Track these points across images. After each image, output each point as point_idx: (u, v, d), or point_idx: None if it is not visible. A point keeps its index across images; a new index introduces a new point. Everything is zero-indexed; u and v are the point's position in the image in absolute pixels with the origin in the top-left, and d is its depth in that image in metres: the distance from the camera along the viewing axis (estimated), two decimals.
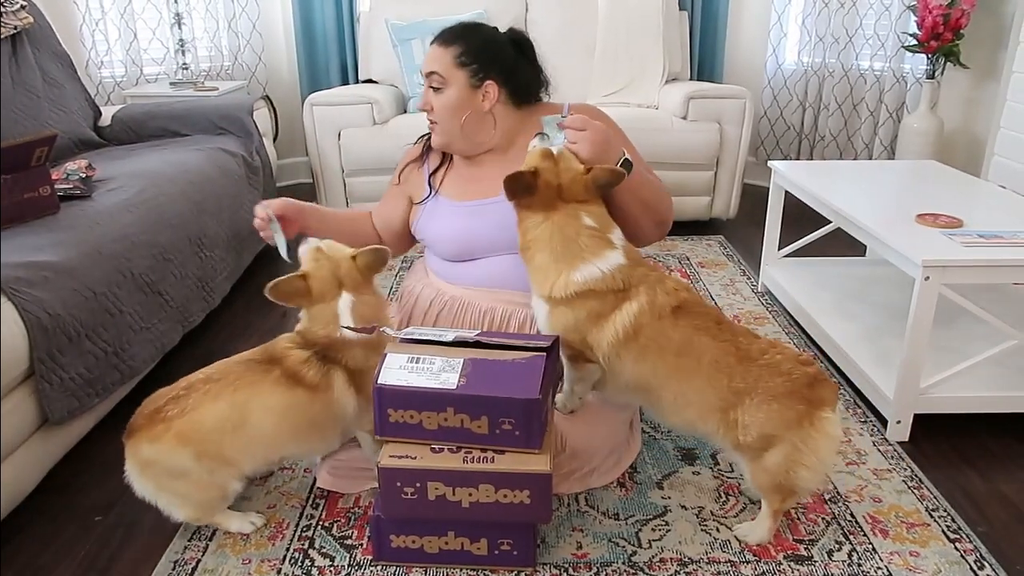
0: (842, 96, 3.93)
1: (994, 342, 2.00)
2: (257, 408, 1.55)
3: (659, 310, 1.53)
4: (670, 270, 3.15)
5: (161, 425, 1.52)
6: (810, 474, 1.50)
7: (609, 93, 3.67)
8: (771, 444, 1.49)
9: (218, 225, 2.65)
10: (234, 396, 1.54)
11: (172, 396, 1.54)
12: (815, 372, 1.51)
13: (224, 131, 3.14)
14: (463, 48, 1.77)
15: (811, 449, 1.47)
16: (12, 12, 2.84)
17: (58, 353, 1.76)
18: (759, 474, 1.53)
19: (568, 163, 1.60)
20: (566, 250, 1.55)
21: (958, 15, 3.37)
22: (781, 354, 1.52)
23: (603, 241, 1.58)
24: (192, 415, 1.52)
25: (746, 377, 1.49)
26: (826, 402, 1.49)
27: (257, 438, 1.57)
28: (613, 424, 1.81)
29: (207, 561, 1.60)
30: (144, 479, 1.56)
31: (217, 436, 1.53)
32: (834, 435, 1.50)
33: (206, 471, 1.55)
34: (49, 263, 1.85)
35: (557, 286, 1.55)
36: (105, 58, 3.72)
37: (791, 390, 1.47)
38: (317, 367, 1.58)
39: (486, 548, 1.54)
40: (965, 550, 1.62)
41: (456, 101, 1.78)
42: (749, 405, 1.48)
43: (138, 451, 1.54)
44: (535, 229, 1.58)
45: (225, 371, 1.58)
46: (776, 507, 1.58)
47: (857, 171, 2.81)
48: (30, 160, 2.11)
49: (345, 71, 4.08)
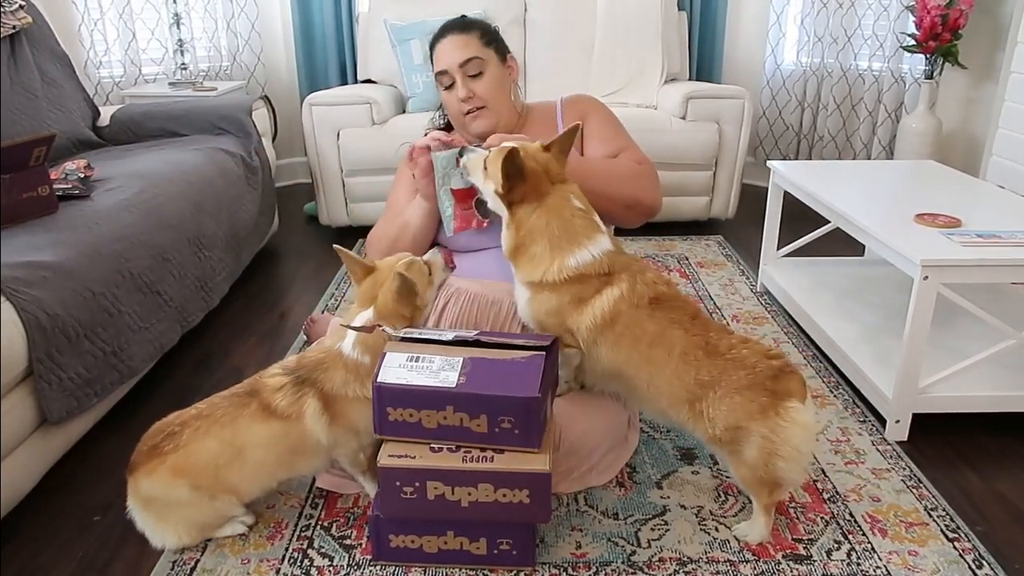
0: (841, 96, 3.94)
1: (992, 342, 2.00)
2: (241, 443, 1.55)
3: (637, 298, 1.55)
4: (668, 270, 3.15)
5: (157, 459, 1.54)
6: (788, 464, 1.49)
7: (608, 93, 3.67)
8: (741, 437, 1.49)
9: (217, 225, 2.64)
10: (221, 432, 1.55)
11: (168, 432, 1.56)
12: (780, 365, 1.51)
13: (223, 131, 3.14)
14: (481, 30, 1.87)
15: (783, 439, 1.47)
16: (11, 12, 2.84)
17: (57, 353, 1.76)
18: (740, 469, 1.54)
19: (531, 147, 1.61)
20: (563, 234, 1.56)
21: (956, 15, 3.37)
22: (748, 349, 1.53)
23: (592, 224, 1.60)
24: (185, 450, 1.54)
25: (711, 371, 1.50)
26: (792, 393, 1.49)
27: (247, 470, 1.58)
28: (610, 421, 1.81)
29: (206, 561, 1.60)
30: (146, 513, 1.58)
31: (211, 470, 1.55)
32: (805, 423, 1.48)
33: (206, 498, 1.57)
34: (48, 263, 1.85)
35: (551, 271, 1.56)
36: (104, 58, 3.71)
37: (753, 383, 1.48)
38: (290, 395, 1.56)
39: (485, 548, 1.54)
40: (964, 549, 1.62)
41: (499, 77, 1.87)
42: (713, 398, 1.50)
43: (138, 487, 1.56)
44: (529, 219, 1.58)
45: (213, 407, 1.58)
46: (765, 501, 1.58)
47: (856, 171, 2.81)
48: (29, 160, 2.11)
49: (344, 71, 4.08)
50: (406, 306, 1.60)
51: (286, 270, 3.22)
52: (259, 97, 3.47)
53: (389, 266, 1.62)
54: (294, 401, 1.56)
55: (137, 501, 1.58)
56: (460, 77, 1.84)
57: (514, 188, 1.57)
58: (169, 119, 3.16)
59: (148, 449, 1.56)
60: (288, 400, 1.56)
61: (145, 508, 1.58)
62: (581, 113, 1.95)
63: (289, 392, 1.56)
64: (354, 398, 1.57)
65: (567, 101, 1.99)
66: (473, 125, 1.87)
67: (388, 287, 1.58)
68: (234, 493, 1.59)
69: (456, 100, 1.86)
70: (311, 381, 1.57)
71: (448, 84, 1.87)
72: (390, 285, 1.58)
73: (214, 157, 2.85)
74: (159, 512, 1.58)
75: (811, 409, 1.52)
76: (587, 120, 1.94)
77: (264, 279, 3.11)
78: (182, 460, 1.53)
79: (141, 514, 1.59)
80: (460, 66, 1.83)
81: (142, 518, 1.59)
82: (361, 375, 1.56)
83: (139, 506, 1.58)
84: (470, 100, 1.84)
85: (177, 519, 1.59)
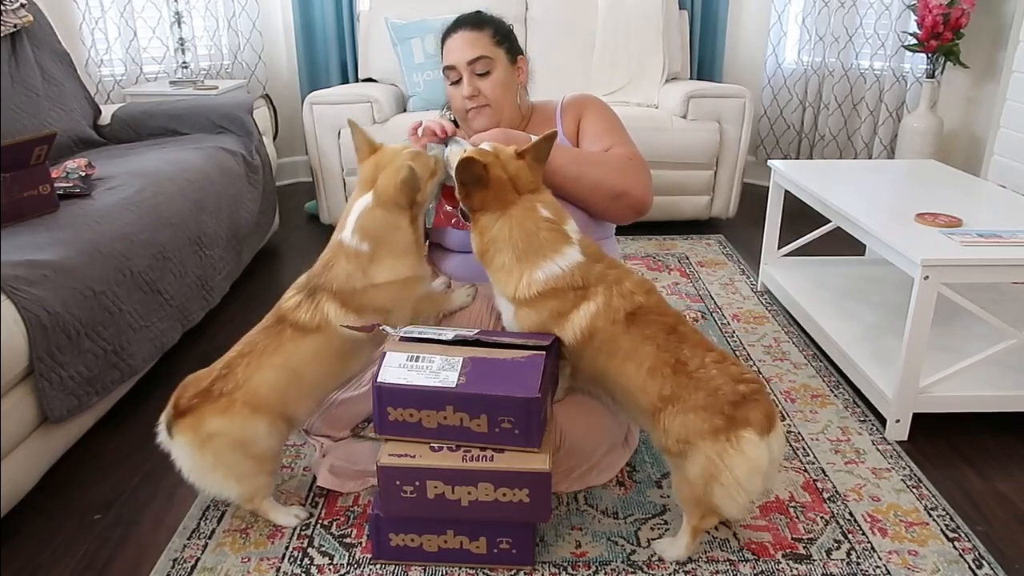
0: (842, 95, 3.93)
1: (993, 341, 2.00)
2: (294, 364, 1.58)
3: (613, 313, 1.51)
4: (669, 269, 3.15)
5: (224, 399, 1.53)
6: (725, 493, 1.42)
7: (609, 92, 3.67)
8: (689, 452, 1.44)
9: (217, 224, 2.65)
10: (272, 361, 1.57)
11: (215, 377, 1.56)
12: (747, 391, 1.44)
13: (224, 130, 3.14)
14: (494, 28, 1.86)
15: (726, 465, 1.40)
16: (12, 10, 2.84)
17: (57, 352, 1.76)
18: (681, 484, 1.50)
19: (505, 153, 1.58)
20: (528, 246, 1.53)
21: (958, 14, 3.37)
22: (719, 369, 1.46)
23: (560, 235, 1.56)
24: (248, 385, 1.55)
25: (674, 387, 1.46)
26: (751, 422, 1.41)
27: (307, 386, 1.62)
28: (610, 421, 1.80)
29: (206, 559, 1.60)
30: (202, 454, 1.54)
31: (278, 396, 1.57)
32: (753, 457, 1.40)
33: (274, 433, 1.59)
34: (48, 262, 1.85)
35: (521, 286, 1.53)
36: (105, 57, 3.71)
37: (710, 404, 1.43)
38: (308, 308, 1.58)
39: (485, 547, 1.54)
40: (964, 549, 1.62)
41: (505, 79, 1.86)
42: (671, 411, 1.46)
43: (201, 426, 1.52)
44: (492, 228, 1.55)
45: (252, 344, 1.60)
46: (695, 523, 1.53)
47: (857, 170, 2.81)
48: (30, 159, 2.11)
49: (345, 70, 4.08)
50: (405, 197, 1.59)
51: (287, 269, 3.22)
52: (260, 96, 3.47)
53: (394, 151, 1.62)
54: (314, 311, 1.58)
55: (194, 442, 1.53)
56: (467, 74, 1.83)
57: (472, 195, 1.55)
58: (170, 118, 3.16)
59: (199, 394, 1.54)
60: (309, 313, 1.58)
61: (202, 449, 1.53)
62: (579, 112, 1.95)
63: (306, 305, 1.59)
64: (363, 288, 1.58)
65: (568, 102, 1.99)
66: (475, 122, 1.87)
67: (390, 172, 1.58)
68: (296, 415, 1.63)
69: (460, 96, 1.87)
70: (321, 287, 1.59)
71: (455, 79, 1.86)
72: (393, 171, 1.57)
73: (215, 156, 2.85)
74: (217, 455, 1.54)
75: (768, 447, 1.43)
76: (583, 117, 1.94)
77: (265, 278, 3.11)
78: (250, 394, 1.54)
79: (196, 456, 1.54)
80: (468, 64, 1.82)
81: (197, 460, 1.54)
82: (363, 263, 1.58)
83: (196, 447, 1.53)
84: (474, 98, 1.84)
85: (230, 466, 1.56)
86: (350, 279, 1.58)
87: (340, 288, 1.58)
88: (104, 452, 1.97)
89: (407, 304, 1.65)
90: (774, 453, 1.45)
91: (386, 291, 1.60)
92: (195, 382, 1.57)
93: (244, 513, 1.72)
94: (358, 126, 1.66)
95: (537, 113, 2.01)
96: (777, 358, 2.42)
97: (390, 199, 1.58)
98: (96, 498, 1.80)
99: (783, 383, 2.27)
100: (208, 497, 1.76)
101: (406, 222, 1.61)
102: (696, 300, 2.86)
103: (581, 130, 1.94)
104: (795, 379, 2.29)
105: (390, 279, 1.59)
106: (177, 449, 1.55)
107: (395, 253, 1.60)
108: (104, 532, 1.70)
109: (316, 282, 1.60)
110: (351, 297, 1.58)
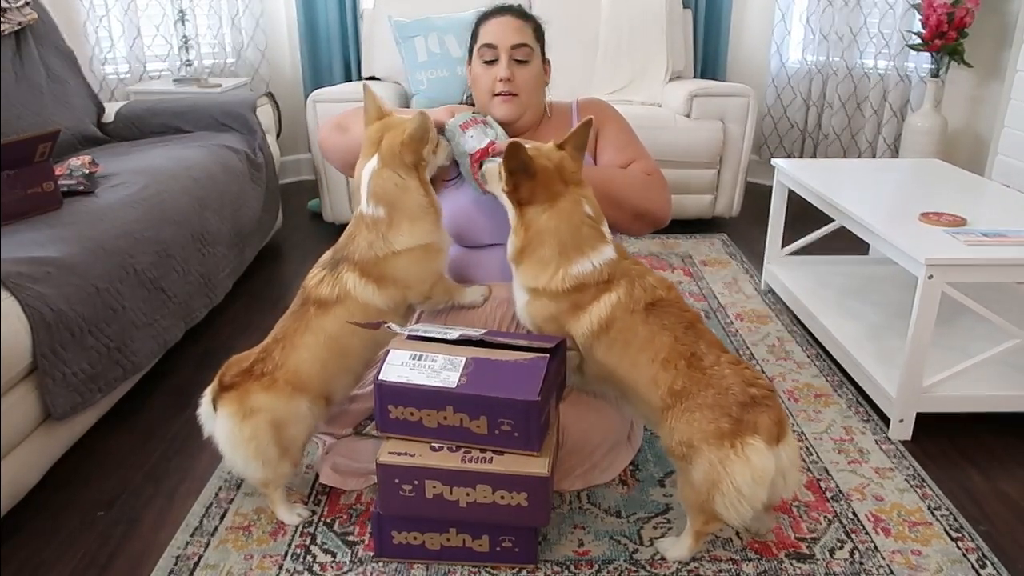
0: (846, 94, 3.92)
1: (997, 341, 1.99)
2: (324, 340, 1.60)
3: (633, 303, 1.52)
4: (672, 268, 3.14)
5: (266, 378, 1.58)
6: (725, 501, 1.38)
7: (612, 91, 3.67)
8: (692, 455, 1.42)
9: (221, 222, 2.65)
10: (304, 341, 1.60)
11: (256, 359, 1.60)
12: (757, 395, 1.41)
13: (227, 128, 3.14)
14: (535, 25, 1.88)
15: (728, 472, 1.37)
16: (16, 8, 2.85)
17: (61, 349, 1.76)
18: (685, 487, 1.48)
19: (545, 147, 1.57)
20: (571, 241, 1.53)
21: (962, 14, 3.36)
22: (732, 370, 1.45)
23: (598, 233, 1.57)
24: (286, 366, 1.59)
25: (686, 382, 1.45)
26: (758, 429, 1.38)
27: (342, 363, 1.65)
28: (613, 419, 1.80)
29: (209, 556, 1.60)
30: (242, 428, 1.56)
31: (316, 375, 1.61)
32: (758, 466, 1.36)
33: (316, 411, 1.63)
34: (52, 259, 1.85)
35: (555, 279, 1.53)
36: (109, 55, 3.72)
37: (718, 403, 1.41)
38: (330, 281, 1.61)
39: (487, 545, 1.54)
40: (967, 549, 1.61)
41: (538, 73, 1.87)
42: (679, 409, 1.45)
43: (246, 400, 1.56)
44: (539, 220, 1.54)
45: (284, 328, 1.63)
46: (698, 528, 1.51)
47: (861, 169, 2.80)
48: (33, 156, 2.11)
49: (348, 68, 4.07)
50: (411, 153, 1.60)
51: (290, 267, 3.22)
52: (263, 94, 3.47)
53: (400, 120, 1.64)
54: (335, 283, 1.61)
55: (237, 413, 1.56)
56: (506, 57, 1.80)
57: (519, 186, 1.53)
58: (173, 116, 3.16)
59: (242, 373, 1.58)
60: (329, 286, 1.61)
61: (244, 421, 1.55)
62: (597, 119, 1.94)
63: (328, 279, 1.62)
64: (384, 256, 1.59)
65: (582, 105, 1.97)
66: (498, 109, 1.83)
67: (396, 132, 1.60)
68: (335, 392, 1.67)
69: (491, 78, 1.82)
70: (345, 258, 1.62)
71: (490, 59, 1.82)
72: (399, 131, 1.60)
73: (218, 154, 2.85)
74: (255, 429, 1.56)
75: (777, 457, 1.39)
76: (603, 127, 1.93)
77: (268, 276, 3.11)
78: (290, 374, 1.58)
79: (238, 427, 1.56)
80: (512, 47, 1.80)
81: (237, 431, 1.56)
82: (382, 229, 1.60)
83: (239, 422, 1.55)
84: (507, 83, 1.81)
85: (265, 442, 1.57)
86: (372, 247, 1.60)
87: (362, 257, 1.60)
88: (107, 449, 1.97)
89: (425, 278, 1.65)
90: (784, 464, 1.41)
91: (405, 259, 1.61)
92: (236, 363, 1.62)
93: (247, 511, 1.72)
94: (371, 90, 1.68)
95: (554, 115, 1.99)
96: (780, 357, 2.41)
97: (395, 156, 1.60)
98: (99, 495, 1.80)
99: (786, 382, 2.26)
100: (210, 497, 1.77)
101: (415, 183, 1.62)
102: (699, 299, 2.85)
103: (601, 139, 1.93)
104: (798, 378, 2.29)
105: (408, 245, 1.61)
106: (220, 420, 1.58)
107: (410, 216, 1.62)
108: (107, 529, 1.70)
109: (339, 255, 1.63)
110: (373, 266, 1.60)
